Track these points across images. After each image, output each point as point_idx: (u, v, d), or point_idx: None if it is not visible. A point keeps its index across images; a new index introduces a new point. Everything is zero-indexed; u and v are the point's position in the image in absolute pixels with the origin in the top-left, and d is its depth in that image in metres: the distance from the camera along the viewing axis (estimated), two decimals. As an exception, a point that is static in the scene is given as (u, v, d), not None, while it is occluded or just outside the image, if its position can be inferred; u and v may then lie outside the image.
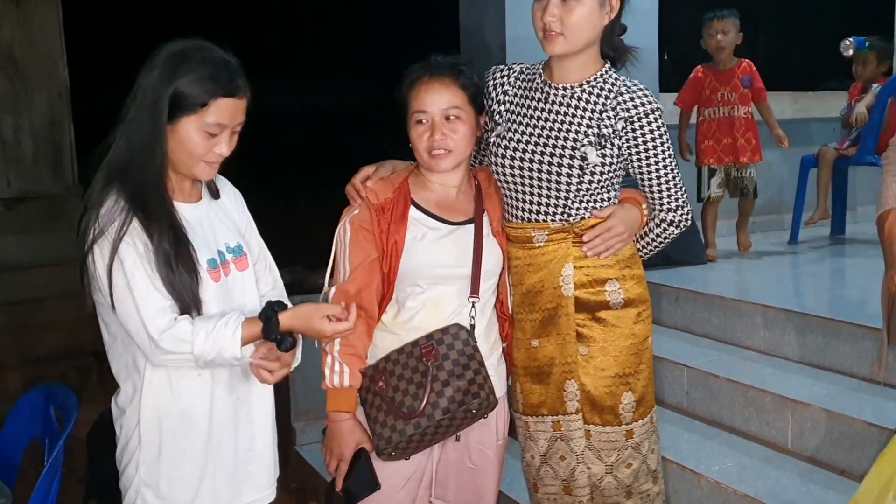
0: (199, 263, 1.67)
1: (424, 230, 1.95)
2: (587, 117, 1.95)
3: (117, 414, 1.76)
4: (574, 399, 2.00)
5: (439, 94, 1.92)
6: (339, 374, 1.91)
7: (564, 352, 2.00)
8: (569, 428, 2.02)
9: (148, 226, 1.61)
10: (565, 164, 1.94)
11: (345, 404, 1.94)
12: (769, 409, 2.98)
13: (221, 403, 1.75)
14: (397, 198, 1.96)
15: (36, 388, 2.24)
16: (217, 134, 1.66)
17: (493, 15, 4.14)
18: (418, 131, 1.93)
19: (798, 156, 5.14)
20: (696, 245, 4.41)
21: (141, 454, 1.71)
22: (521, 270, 2.03)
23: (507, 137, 2.00)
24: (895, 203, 1.85)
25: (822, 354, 3.18)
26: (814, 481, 2.69)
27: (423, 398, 1.85)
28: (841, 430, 2.75)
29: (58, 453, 1.95)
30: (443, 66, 1.94)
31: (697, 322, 3.73)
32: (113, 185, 1.63)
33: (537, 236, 2.00)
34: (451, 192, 2.01)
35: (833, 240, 5.09)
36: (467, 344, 1.90)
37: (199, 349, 1.62)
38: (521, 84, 2.05)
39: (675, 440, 3.03)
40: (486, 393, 1.88)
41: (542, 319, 2.02)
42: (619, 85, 1.97)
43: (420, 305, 1.96)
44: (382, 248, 1.93)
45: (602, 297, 1.99)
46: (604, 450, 2.02)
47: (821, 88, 5.79)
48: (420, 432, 1.87)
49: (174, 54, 1.64)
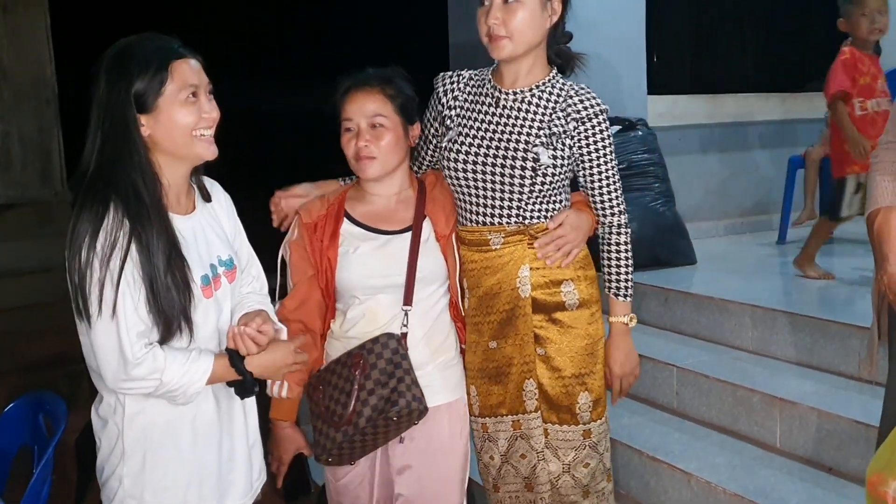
0: (193, 282, 1.64)
1: (357, 243, 2.01)
2: (538, 119, 2.00)
3: (99, 425, 1.71)
4: (533, 398, 2.04)
5: (363, 103, 1.99)
6: (278, 385, 1.98)
7: (523, 352, 2.03)
8: (529, 426, 2.05)
9: (148, 244, 1.56)
10: (518, 167, 1.98)
11: (283, 413, 2.03)
12: (758, 409, 3.00)
13: (205, 412, 1.72)
14: (329, 214, 2.03)
15: (25, 396, 2.23)
16: (195, 96, 1.63)
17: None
18: (346, 138, 2.01)
19: (786, 156, 5.17)
20: (685, 246, 4.43)
21: (125, 466, 1.66)
22: (477, 273, 2.06)
23: (459, 142, 2.03)
24: (884, 201, 1.86)
25: (810, 353, 3.21)
26: (803, 479, 2.71)
27: (349, 406, 1.90)
28: (829, 429, 2.77)
29: (47, 461, 1.94)
30: (370, 77, 2.01)
31: (686, 322, 3.75)
32: (107, 199, 1.56)
33: (493, 239, 2.03)
34: (390, 200, 2.06)
35: (821, 239, 5.12)
36: (396, 353, 1.93)
37: (169, 381, 1.58)
38: (471, 90, 2.09)
39: (666, 440, 3.04)
40: (408, 400, 1.89)
41: (499, 321, 2.04)
42: (568, 88, 2.03)
43: (358, 316, 2.01)
44: (316, 264, 2.01)
45: (558, 298, 2.03)
46: (561, 448, 2.06)
47: (807, 89, 5.81)
48: (348, 440, 1.91)
49: (112, 57, 1.61)
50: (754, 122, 5.58)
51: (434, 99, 2.13)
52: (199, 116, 1.64)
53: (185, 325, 1.62)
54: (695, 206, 5.20)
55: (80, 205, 1.57)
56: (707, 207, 5.37)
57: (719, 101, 5.47)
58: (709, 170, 5.43)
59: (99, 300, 1.53)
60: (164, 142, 1.63)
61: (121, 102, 1.58)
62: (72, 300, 1.58)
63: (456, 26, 4.72)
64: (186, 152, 1.66)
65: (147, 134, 1.62)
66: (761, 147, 5.66)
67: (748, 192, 5.57)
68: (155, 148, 1.64)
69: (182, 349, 1.63)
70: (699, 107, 5.35)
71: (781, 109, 5.70)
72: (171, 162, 1.67)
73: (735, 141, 5.53)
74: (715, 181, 5.46)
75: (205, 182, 1.81)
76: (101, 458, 1.72)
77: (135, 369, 1.56)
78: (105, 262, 1.53)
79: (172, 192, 1.68)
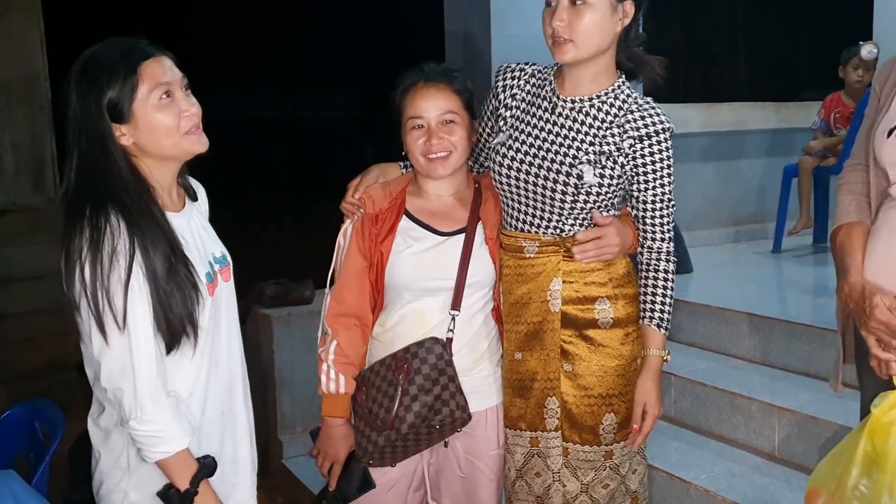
0: (200, 280, 1.60)
1: (411, 241, 1.95)
2: (591, 134, 1.89)
3: (99, 437, 1.65)
4: (554, 416, 1.95)
5: (435, 100, 1.92)
6: (334, 381, 1.95)
7: (548, 367, 1.94)
8: (547, 445, 1.97)
9: (147, 249, 1.52)
10: (560, 182, 1.88)
11: (339, 410, 1.97)
12: (756, 417, 3.00)
13: (210, 419, 1.70)
14: (392, 207, 1.97)
15: (21, 404, 2.22)
16: (170, 94, 1.58)
17: (477, 24, 4.15)
18: (414, 136, 1.93)
19: (780, 165, 5.19)
20: (681, 254, 4.43)
21: (131, 479, 1.62)
22: (510, 280, 1.98)
23: (508, 146, 1.94)
24: (847, 218, 1.89)
25: (807, 362, 3.21)
26: (801, 487, 2.68)
27: (393, 411, 1.85)
28: (827, 437, 2.77)
29: (44, 469, 1.92)
30: (437, 72, 1.95)
31: (684, 331, 3.75)
32: (98, 212, 1.51)
33: (528, 247, 1.95)
34: (447, 200, 2.01)
35: (816, 248, 5.12)
36: (441, 358, 1.89)
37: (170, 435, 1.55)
38: (531, 89, 1.98)
39: (664, 449, 3.03)
40: (451, 409, 1.85)
41: (526, 332, 1.97)
42: (631, 102, 1.89)
43: (405, 316, 1.96)
44: (370, 257, 1.95)
45: (591, 315, 1.93)
46: (580, 468, 1.96)
47: (802, 98, 5.85)
48: (391, 444, 1.88)
49: (79, 71, 1.56)
50: (749, 130, 5.62)
51: (492, 92, 2.01)
52: (179, 116, 1.58)
53: (192, 329, 1.59)
54: (691, 214, 5.22)
55: (69, 224, 1.52)
56: (703, 216, 5.40)
57: (714, 111, 5.50)
58: (704, 178, 5.46)
59: (123, 313, 1.49)
60: (151, 146, 1.59)
61: (93, 117, 1.53)
62: (81, 320, 1.52)
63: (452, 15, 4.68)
64: (176, 152, 1.62)
65: (130, 142, 1.57)
66: (756, 156, 5.69)
67: (743, 201, 5.60)
68: (143, 154, 1.60)
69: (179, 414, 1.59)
70: (694, 116, 5.38)
71: (776, 118, 5.73)
72: (162, 164, 1.63)
73: (730, 150, 5.56)
74: (710, 190, 5.48)
75: (189, 181, 1.77)
76: (101, 471, 1.65)
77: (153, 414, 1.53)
78: (112, 275, 1.48)
79: (165, 192, 1.65)
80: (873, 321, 1.71)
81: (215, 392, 1.70)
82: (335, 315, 1.97)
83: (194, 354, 1.63)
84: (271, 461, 3.72)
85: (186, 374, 1.63)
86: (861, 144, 1.93)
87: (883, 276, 1.77)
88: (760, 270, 4.74)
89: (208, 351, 1.67)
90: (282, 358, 3.66)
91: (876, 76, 1.94)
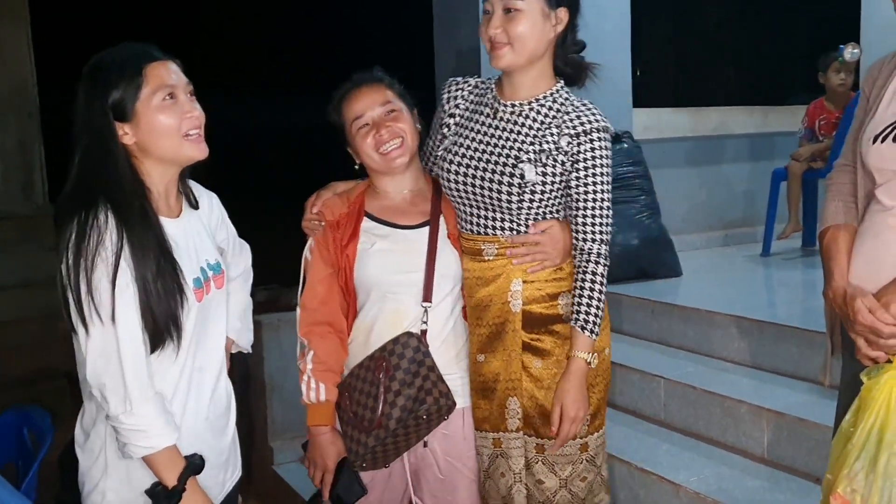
0: (186, 283, 1.62)
1: (375, 238, 1.99)
2: (530, 134, 1.94)
3: (81, 438, 1.67)
4: (515, 417, 1.98)
5: (371, 97, 1.98)
6: (314, 390, 1.98)
7: (509, 368, 1.97)
8: (508, 445, 1.99)
9: (136, 247, 1.54)
10: (505, 182, 1.93)
11: (323, 418, 2.00)
12: (746, 420, 3.01)
13: (191, 423, 1.68)
14: (351, 212, 2.01)
15: (9, 411, 2.21)
16: (174, 97, 1.61)
17: (467, 36, 4.16)
18: (363, 136, 1.98)
19: (769, 169, 5.22)
20: (670, 258, 4.45)
21: (107, 480, 1.62)
22: (471, 283, 2.02)
23: (453, 151, 2.01)
24: (833, 220, 1.91)
25: (796, 364, 3.22)
26: (791, 490, 2.71)
27: (379, 410, 1.89)
28: (816, 439, 2.78)
29: (32, 476, 1.92)
30: (364, 76, 2.02)
31: (673, 334, 3.76)
32: (91, 206, 1.54)
33: (487, 249, 1.98)
34: (407, 195, 2.05)
35: (805, 251, 5.14)
36: (418, 351, 1.92)
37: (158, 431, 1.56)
38: (474, 98, 2.06)
39: (654, 452, 3.04)
40: (435, 397, 1.89)
41: (488, 334, 1.99)
42: (569, 104, 1.96)
43: (380, 316, 1.99)
44: (337, 263, 1.99)
45: (555, 311, 1.97)
46: (558, 463, 1.99)
47: (789, 103, 5.89)
48: (381, 443, 1.90)
49: (89, 71, 1.60)
50: (737, 135, 5.66)
51: (439, 105, 2.10)
52: (181, 117, 1.62)
53: (175, 332, 1.60)
54: (680, 218, 5.24)
55: (65, 216, 1.55)
56: (692, 220, 5.43)
57: (703, 115, 5.54)
58: (693, 182, 5.49)
59: (109, 307, 1.51)
60: (152, 147, 1.62)
61: (97, 114, 1.57)
62: (68, 312, 1.54)
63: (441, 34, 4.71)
64: (175, 155, 1.64)
65: (133, 142, 1.61)
66: (744, 160, 5.72)
67: (732, 205, 5.63)
68: (143, 154, 1.63)
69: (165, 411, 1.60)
70: (683, 120, 5.42)
71: (763, 122, 5.77)
72: (160, 166, 1.65)
73: (718, 154, 5.59)
74: (699, 194, 5.51)
75: (191, 186, 1.79)
76: (82, 472, 1.67)
77: (141, 407, 1.54)
78: (95, 266, 1.50)
79: (161, 196, 1.67)
80: (857, 325, 1.73)
81: (199, 397, 1.70)
82: (307, 325, 2.01)
83: (177, 357, 1.63)
84: (262, 467, 3.71)
85: (169, 377, 1.64)
86: (849, 145, 1.94)
87: (867, 278, 1.79)
88: (749, 274, 4.76)
89: (192, 355, 1.67)
90: (272, 364, 3.66)
91: (865, 77, 1.95)
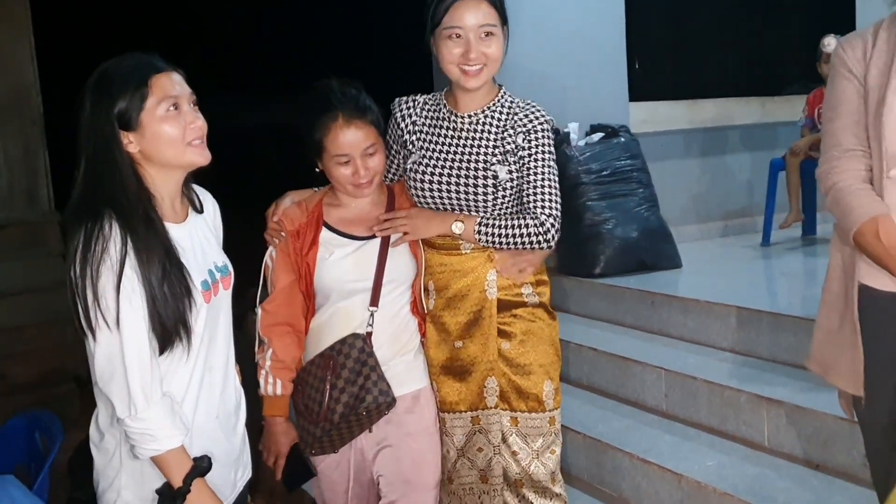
0: (194, 286, 1.65)
1: (332, 248, 2.13)
2: (492, 138, 2.14)
3: (97, 437, 1.70)
4: (493, 395, 2.16)
5: (356, 137, 2.06)
6: (272, 385, 2.14)
7: (486, 350, 2.16)
8: (488, 421, 2.17)
9: (142, 252, 1.57)
10: (480, 184, 2.10)
11: (278, 409, 2.16)
12: (745, 409, 3.04)
13: (202, 422, 1.72)
14: (310, 221, 2.14)
15: (20, 415, 2.25)
16: (178, 107, 1.65)
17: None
18: (342, 171, 2.08)
19: (767, 159, 5.24)
20: (670, 249, 4.47)
21: (122, 478, 1.66)
22: (447, 276, 2.18)
23: (423, 164, 2.15)
24: (875, 209, 1.75)
25: (794, 353, 3.24)
26: (791, 477, 2.74)
27: (324, 405, 2.05)
28: (815, 426, 2.81)
29: (43, 479, 1.95)
30: (353, 109, 2.07)
31: (673, 325, 3.79)
32: (96, 213, 1.57)
33: (464, 245, 2.15)
34: (364, 206, 2.18)
35: (804, 240, 5.18)
36: (362, 352, 2.07)
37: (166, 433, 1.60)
38: (428, 114, 2.21)
39: (656, 442, 3.08)
40: (374, 396, 2.04)
41: (467, 321, 2.17)
42: (515, 105, 2.17)
43: (333, 315, 2.14)
44: (298, 270, 2.13)
45: (520, 298, 2.18)
46: (530, 435, 2.17)
47: (787, 92, 5.89)
48: (327, 434, 2.07)
49: (95, 81, 1.64)
50: (735, 125, 5.66)
51: (393, 123, 2.23)
52: (185, 128, 1.66)
53: (184, 333, 1.63)
54: (679, 210, 5.26)
55: (72, 226, 1.59)
56: (691, 211, 5.44)
57: (700, 107, 5.54)
58: (692, 174, 5.50)
59: (114, 313, 1.54)
60: (156, 155, 1.66)
61: (102, 123, 1.60)
62: (78, 319, 1.57)
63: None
64: (178, 162, 1.68)
65: (137, 150, 1.64)
66: (742, 150, 5.73)
67: (731, 196, 5.64)
68: (148, 162, 1.66)
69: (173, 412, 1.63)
70: (680, 112, 5.42)
71: (761, 113, 5.77)
72: (164, 172, 1.69)
73: (716, 145, 5.60)
74: (698, 185, 5.53)
75: (195, 190, 1.83)
76: (97, 470, 1.71)
77: (148, 410, 1.57)
78: (100, 274, 1.53)
79: (167, 202, 1.71)
80: None
81: (210, 396, 1.74)
82: (269, 325, 2.14)
83: (188, 358, 1.67)
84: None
85: (180, 378, 1.68)
86: (849, 129, 1.84)
87: None
88: (749, 264, 4.78)
89: (203, 356, 1.71)
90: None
91: (843, 56, 1.84)
